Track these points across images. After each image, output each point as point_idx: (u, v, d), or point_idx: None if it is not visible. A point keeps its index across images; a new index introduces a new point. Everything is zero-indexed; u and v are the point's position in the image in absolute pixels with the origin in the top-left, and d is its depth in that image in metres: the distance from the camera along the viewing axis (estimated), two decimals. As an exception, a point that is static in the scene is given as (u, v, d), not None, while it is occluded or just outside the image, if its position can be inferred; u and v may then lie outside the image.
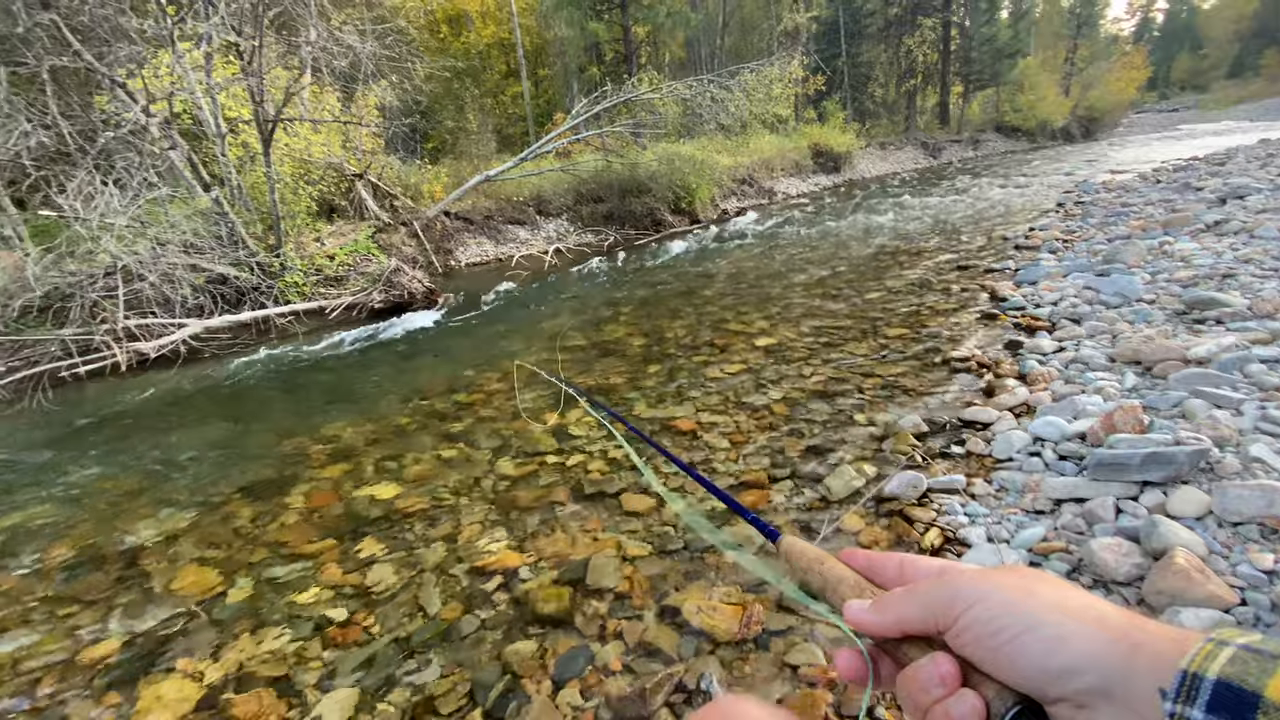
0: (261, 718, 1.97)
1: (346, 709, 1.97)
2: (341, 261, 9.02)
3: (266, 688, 2.09)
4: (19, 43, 6.39)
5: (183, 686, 2.13)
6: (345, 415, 4.62)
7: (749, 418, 3.71)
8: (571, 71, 22.50)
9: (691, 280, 8.14)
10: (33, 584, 2.89)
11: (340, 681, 2.09)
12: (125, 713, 2.06)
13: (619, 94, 12.59)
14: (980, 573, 0.39)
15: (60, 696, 2.18)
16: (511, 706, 1.89)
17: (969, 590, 0.37)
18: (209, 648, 2.32)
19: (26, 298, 6.12)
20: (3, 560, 3.11)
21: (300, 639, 2.31)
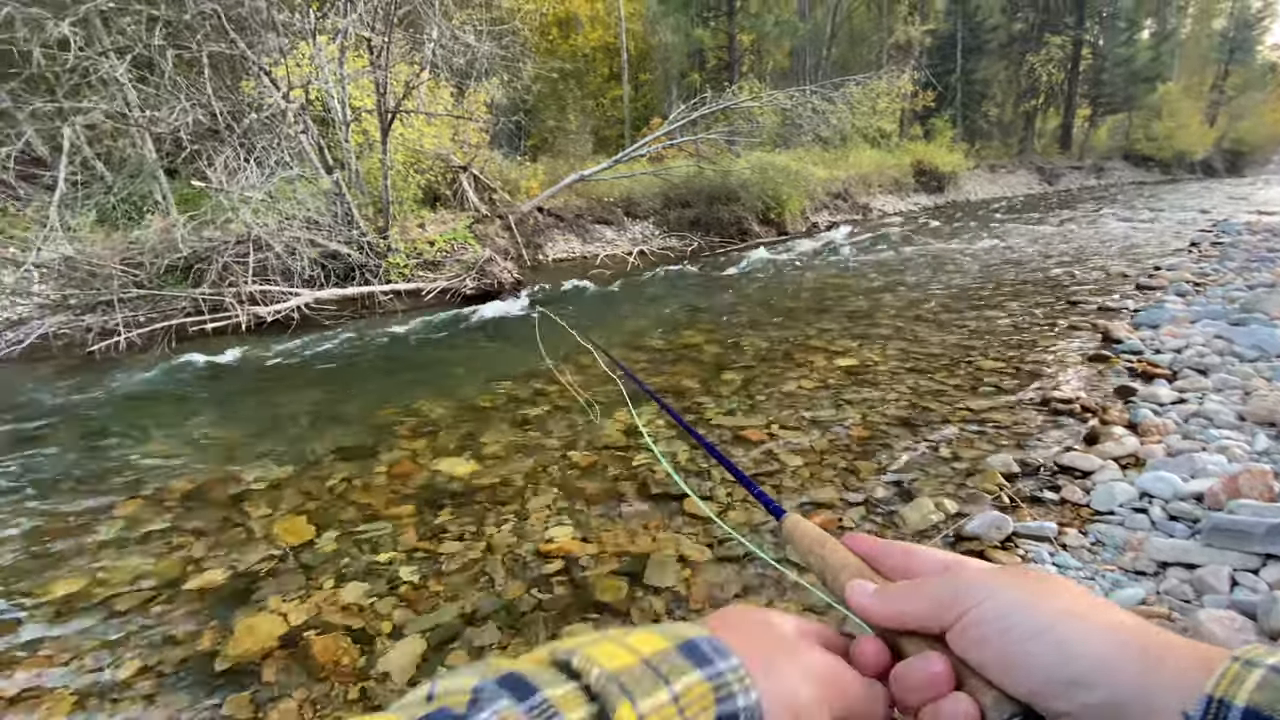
0: (336, 661, 2.13)
1: (411, 665, 2.10)
2: (440, 248, 9.52)
3: (343, 634, 2.26)
4: (185, 29, 7.21)
5: (272, 622, 2.34)
6: (431, 392, 4.89)
7: (823, 436, 3.62)
8: (672, 77, 22.69)
9: (774, 291, 8.02)
10: (156, 512, 3.25)
11: (408, 638, 2.22)
12: (223, 638, 2.28)
13: (718, 101, 12.59)
14: (989, 572, 0.37)
15: (168, 617, 2.44)
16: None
17: (976, 587, 0.35)
18: (297, 590, 2.53)
19: (172, 258, 6.88)
20: (133, 489, 3.52)
21: (376, 594, 2.48)
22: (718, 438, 3.68)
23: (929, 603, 0.36)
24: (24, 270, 6.83)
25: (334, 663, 2.12)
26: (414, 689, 0.28)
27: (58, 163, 7.95)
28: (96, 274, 6.75)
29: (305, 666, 2.12)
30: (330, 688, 2.02)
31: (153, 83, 7.28)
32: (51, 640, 2.32)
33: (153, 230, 7.04)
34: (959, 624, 0.34)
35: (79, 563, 2.81)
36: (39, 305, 6.87)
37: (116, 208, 8.18)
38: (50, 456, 4.11)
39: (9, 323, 6.77)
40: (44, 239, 7.01)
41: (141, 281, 6.84)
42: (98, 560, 2.82)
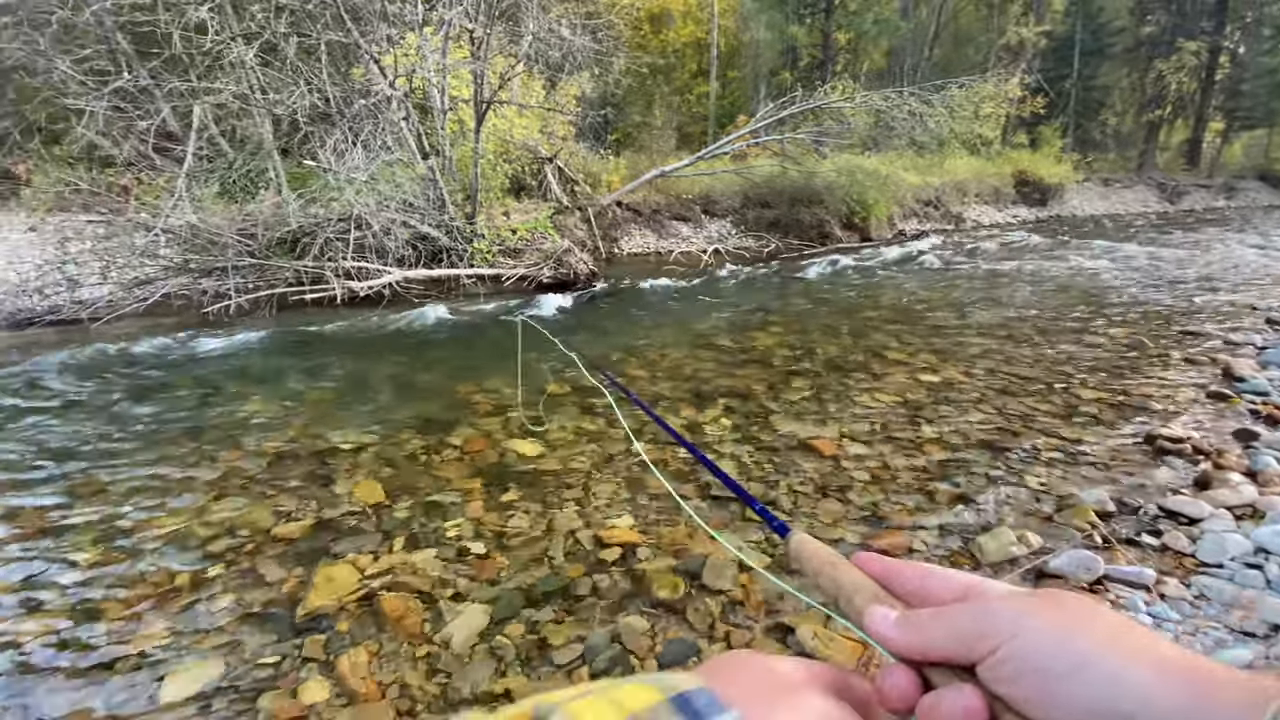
0: (404, 619, 2.24)
1: (473, 630, 2.18)
2: (522, 236, 9.80)
3: (411, 596, 2.38)
4: (307, 17, 7.75)
5: (349, 575, 2.49)
6: (505, 373, 5.04)
7: (897, 453, 3.48)
8: (762, 75, 22.31)
9: (853, 299, 7.76)
10: (252, 464, 3.52)
11: (471, 605, 2.31)
12: (304, 584, 2.45)
13: (808, 100, 12.27)
14: (1022, 600, 0.34)
15: (257, 561, 2.64)
16: (617, 673, 1.97)
17: (1009, 620, 0.32)
18: (372, 549, 2.68)
19: (281, 231, 7.43)
20: (234, 441, 3.83)
21: (444, 561, 2.59)
22: (784, 445, 3.60)
23: (957, 633, 0.34)
24: (154, 234, 7.56)
25: (402, 621, 2.23)
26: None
27: (188, 138, 8.74)
28: (215, 242, 7.38)
29: (376, 621, 2.24)
30: (398, 645, 2.13)
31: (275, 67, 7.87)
32: (156, 572, 2.56)
33: (266, 205, 7.63)
34: (992, 658, 0.32)
35: (185, 503, 3.09)
36: (164, 267, 7.59)
37: (236, 182, 8.92)
38: (166, 404, 4.54)
39: (137, 281, 7.53)
40: (172, 207, 7.73)
41: (253, 251, 7.43)
42: (201, 503, 3.09)
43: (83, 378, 5.21)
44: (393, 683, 1.97)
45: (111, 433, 4.03)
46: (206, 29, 7.28)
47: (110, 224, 8.00)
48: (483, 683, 1.95)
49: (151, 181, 8.70)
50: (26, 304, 7.41)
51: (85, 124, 8.12)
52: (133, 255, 7.54)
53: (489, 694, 1.91)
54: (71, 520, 2.97)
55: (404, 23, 8.25)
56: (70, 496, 3.19)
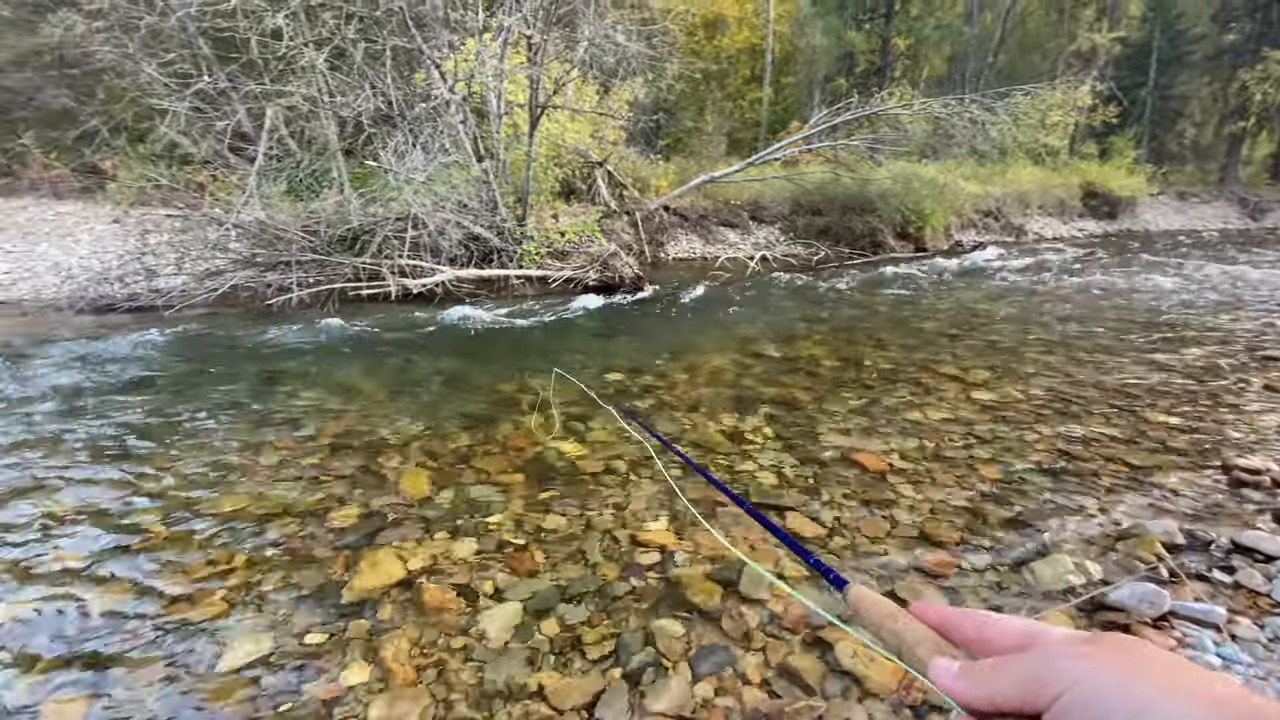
0: (443, 608, 2.29)
1: (509, 623, 2.21)
2: (570, 238, 9.93)
3: (451, 586, 2.43)
4: (374, 24, 8.09)
5: (393, 563, 2.56)
6: (546, 372, 5.12)
7: (948, 471, 3.36)
8: (816, 81, 22.00)
9: (905, 310, 7.54)
10: (307, 451, 3.67)
11: (508, 599, 2.35)
12: (351, 569, 2.53)
13: (864, 107, 12.03)
14: (1080, 647, 0.34)
15: (309, 543, 2.75)
16: (649, 675, 1.96)
17: (1069, 669, 0.33)
18: (416, 538, 2.75)
19: (342, 229, 7.73)
20: (292, 427, 4.00)
21: (483, 553, 2.64)
22: (828, 457, 3.53)
23: (1019, 684, 0.35)
24: (225, 229, 7.98)
25: (441, 611, 2.28)
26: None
27: (259, 139, 9.21)
28: (281, 237, 7.74)
29: (417, 609, 2.30)
30: (437, 634, 2.17)
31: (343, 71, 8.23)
32: (216, 547, 2.70)
33: (329, 203, 7.96)
34: (1056, 706, 0.33)
35: (244, 485, 3.25)
36: (233, 260, 8.00)
37: (303, 181, 9.34)
38: (230, 390, 4.78)
39: (209, 273, 7.95)
40: (243, 204, 8.15)
41: (316, 247, 7.76)
42: (258, 485, 3.24)
43: (156, 361, 5.54)
44: (430, 668, 2.02)
45: (180, 413, 4.27)
46: (282, 35, 7.66)
47: (186, 218, 8.49)
48: (517, 675, 1.97)
49: (225, 179, 9.20)
50: (108, 290, 7.93)
51: (168, 123, 8.65)
52: (205, 248, 7.98)
53: (522, 687, 1.93)
54: (141, 494, 3.15)
55: (465, 29, 8.49)
56: (140, 472, 3.39)
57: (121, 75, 10.01)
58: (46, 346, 6.09)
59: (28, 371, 5.34)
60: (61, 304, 8.04)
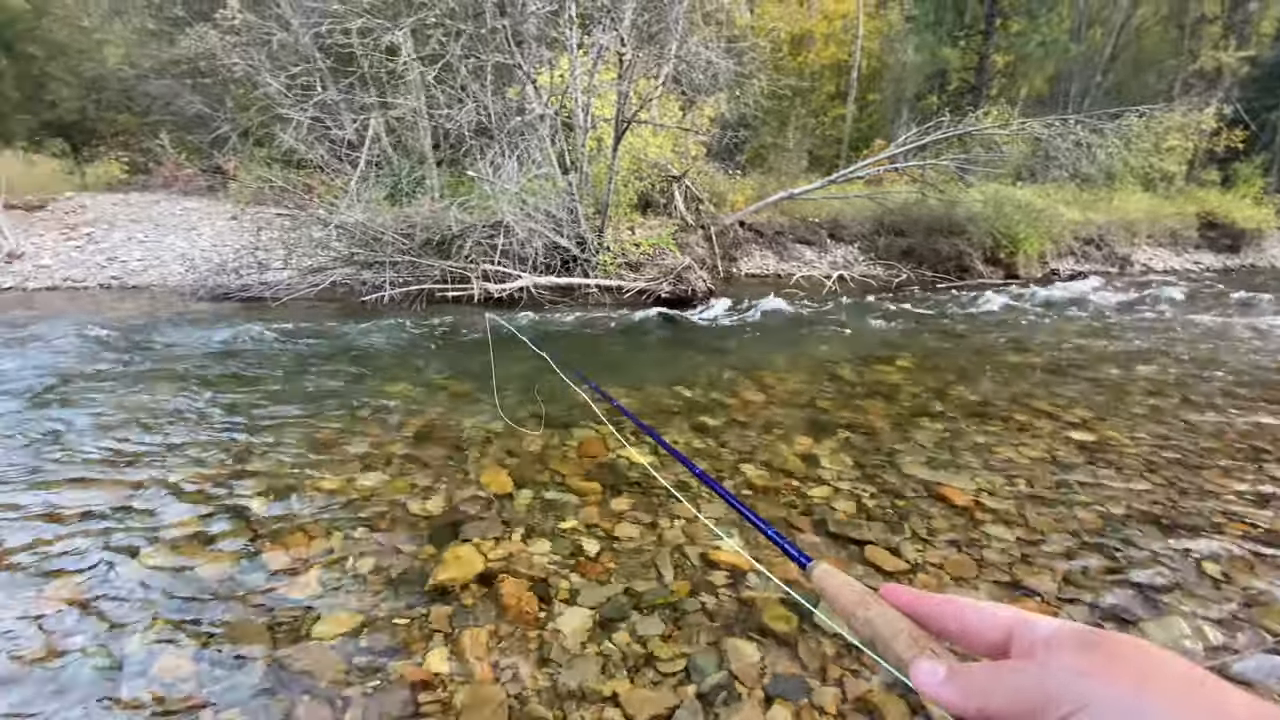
0: (521, 604, 2.35)
1: (582, 628, 2.24)
2: (644, 250, 10.04)
3: (528, 584, 2.49)
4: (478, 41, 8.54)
5: (474, 556, 2.66)
6: (621, 381, 5.18)
7: (1044, 514, 3.15)
8: (904, 99, 21.36)
9: (993, 340, 7.15)
10: (395, 440, 3.87)
11: (581, 603, 2.38)
12: (434, 559, 2.64)
13: (956, 126, 11.56)
14: (1082, 659, 0.32)
15: (397, 529, 2.89)
16: (722, 697, 1.94)
17: (1074, 688, 0.31)
18: (494, 534, 2.84)
19: (433, 233, 8.15)
20: (381, 418, 4.23)
21: (558, 556, 2.69)
22: (910, 489, 3.38)
23: (1017, 698, 0.33)
24: (328, 229, 8.57)
25: (518, 606, 2.34)
26: None
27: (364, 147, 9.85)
28: (378, 239, 8.24)
29: (495, 603, 2.37)
30: (514, 629, 2.23)
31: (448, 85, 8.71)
32: (312, 526, 2.88)
33: (423, 209, 8.40)
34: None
35: (338, 469, 3.45)
36: (334, 258, 8.57)
37: (400, 186, 9.92)
38: (326, 378, 5.11)
39: (312, 269, 8.55)
40: (346, 206, 8.73)
41: (408, 249, 8.21)
42: (350, 470, 3.44)
43: (262, 347, 6.01)
44: (506, 667, 2.07)
45: (281, 397, 4.60)
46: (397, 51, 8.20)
47: (295, 217, 9.18)
48: (590, 681, 2.00)
49: (331, 182, 9.90)
50: (224, 280, 8.68)
51: (290, 131, 9.40)
52: (310, 246, 8.60)
53: (596, 693, 1.95)
54: (246, 471, 3.41)
55: (561, 46, 8.80)
56: (246, 451, 3.68)
57: (249, 86, 11.00)
58: (169, 327, 6.73)
59: (152, 348, 5.91)
60: (184, 291, 8.86)
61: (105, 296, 8.91)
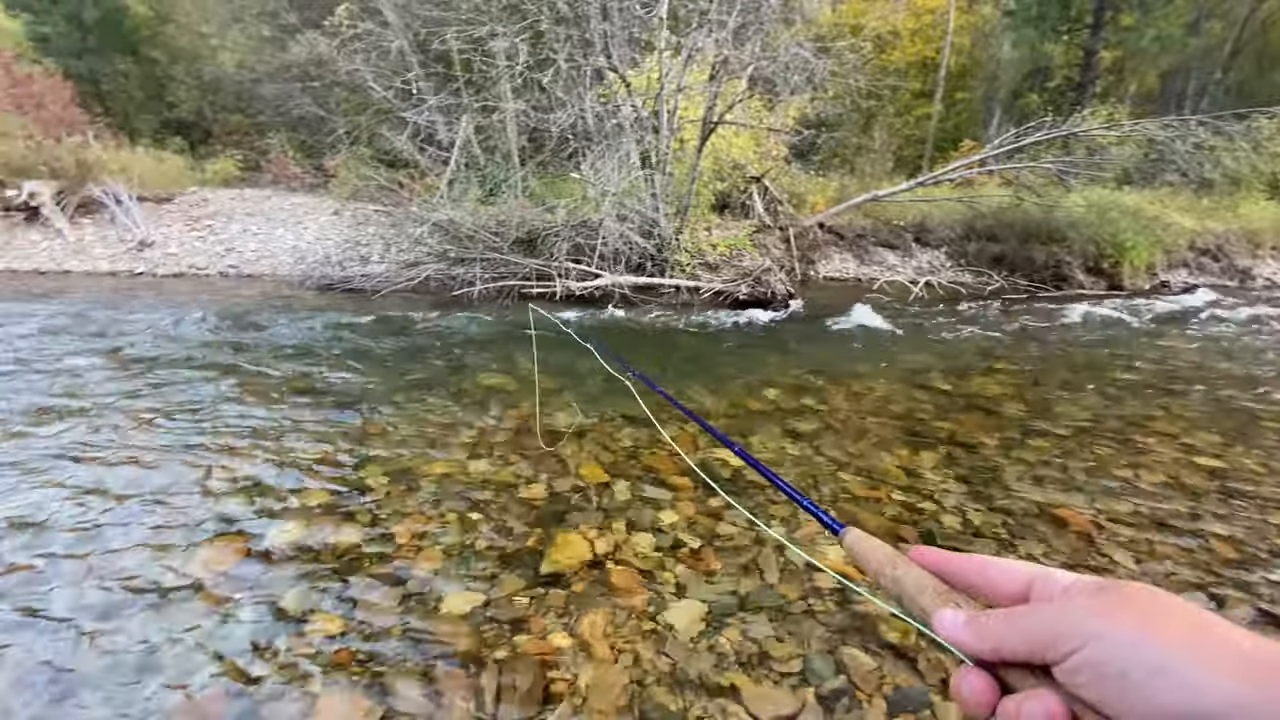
0: (631, 594, 2.43)
1: (693, 622, 2.29)
2: (721, 252, 10.02)
3: (636, 573, 2.57)
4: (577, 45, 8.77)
5: (581, 544, 2.76)
6: (704, 382, 5.21)
7: (1171, 542, 2.95)
8: (999, 97, 20.29)
9: (1099, 355, 6.72)
10: (493, 431, 4.05)
11: (689, 597, 2.44)
12: (544, 543, 2.77)
13: (1058, 126, 10.89)
14: (1094, 598, 0.34)
15: (506, 514, 3.04)
16: (843, 703, 1.95)
17: (1083, 625, 0.32)
18: (597, 524, 2.94)
19: (520, 232, 8.44)
20: (475, 410, 4.44)
21: (661, 548, 2.76)
22: (1020, 509, 3.25)
23: (1032, 636, 0.34)
24: (425, 226, 9.01)
25: (629, 594, 2.42)
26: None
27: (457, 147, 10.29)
28: (470, 236, 8.60)
29: (606, 589, 2.46)
30: (627, 615, 2.31)
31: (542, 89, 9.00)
32: (431, 507, 3.07)
33: (513, 208, 8.72)
34: (1068, 662, 0.32)
35: (448, 454, 3.66)
36: (428, 253, 9.01)
37: (485, 184, 10.32)
38: (427, 367, 5.40)
39: (408, 263, 9.02)
40: (440, 204, 9.16)
41: (497, 247, 8.53)
42: (460, 456, 3.63)
43: (366, 335, 6.41)
44: (625, 648, 2.15)
45: (388, 383, 4.91)
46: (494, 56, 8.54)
47: (392, 214, 9.72)
48: (709, 673, 2.05)
49: (426, 181, 10.41)
50: (329, 272, 9.29)
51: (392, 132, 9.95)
52: (407, 241, 9.08)
53: (716, 685, 2.00)
54: (367, 451, 3.67)
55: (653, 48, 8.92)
56: (362, 433, 3.95)
57: (354, 90, 11.73)
58: (283, 314, 7.28)
59: (271, 333, 6.41)
60: (293, 280, 9.54)
61: (224, 284, 9.73)
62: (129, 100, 20.35)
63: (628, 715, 1.88)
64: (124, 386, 4.71)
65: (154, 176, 12.85)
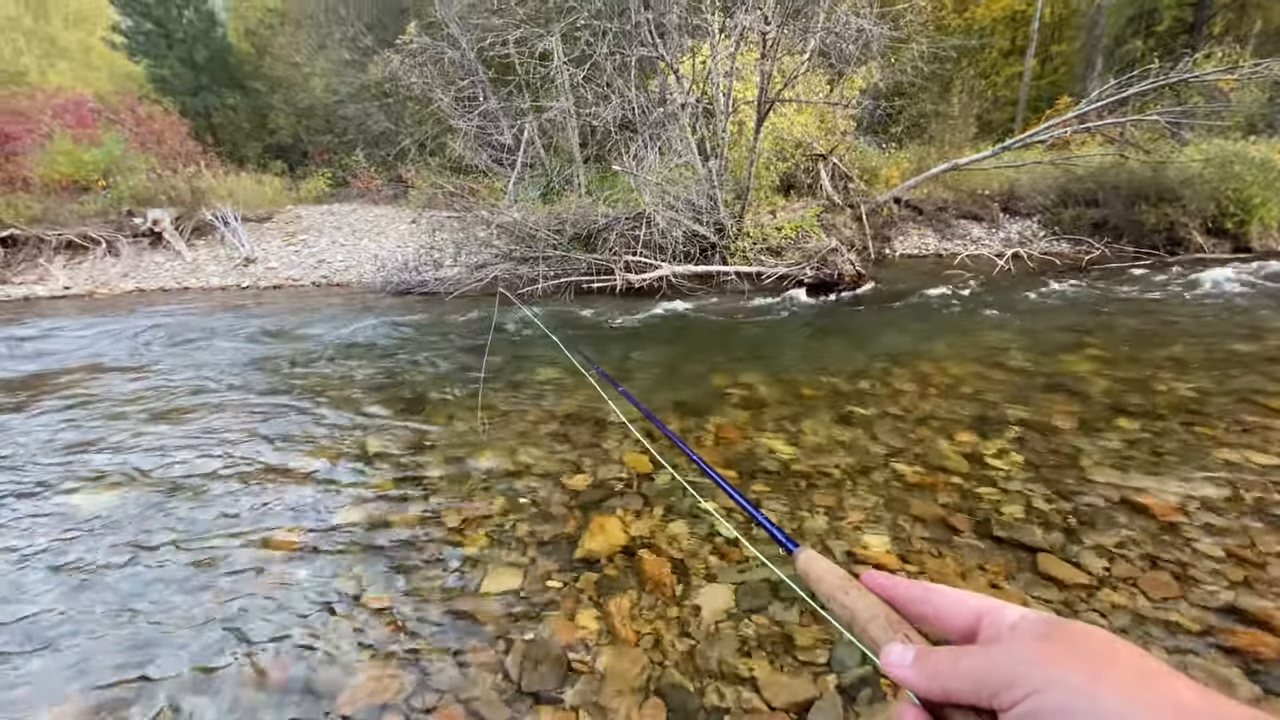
0: (661, 581, 2.45)
1: (721, 608, 2.28)
2: (785, 234, 9.74)
3: (667, 560, 2.58)
4: (623, 37, 8.82)
5: (617, 529, 2.81)
6: (760, 369, 5.11)
7: (1274, 533, 2.61)
8: (1100, 47, 18.39)
9: (1215, 324, 6.00)
10: (545, 421, 4.17)
11: (720, 585, 2.42)
12: (581, 528, 2.83)
13: (1167, 74, 9.73)
14: (1042, 647, 0.34)
15: (549, 500, 3.13)
16: (865, 694, 1.88)
17: (1030, 675, 0.32)
18: (633, 511, 2.98)
19: (580, 228, 8.59)
20: (531, 401, 4.58)
21: (696, 537, 2.75)
22: (1098, 495, 2.97)
23: (979, 680, 0.34)
24: (490, 228, 9.36)
25: (658, 580, 2.44)
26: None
27: (519, 150, 10.59)
28: (533, 235, 8.86)
29: (636, 574, 2.49)
30: (654, 600, 2.33)
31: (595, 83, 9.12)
32: (480, 492, 3.22)
33: (571, 205, 8.89)
34: (1015, 710, 0.32)
35: (499, 444, 3.81)
36: (495, 254, 9.36)
37: (551, 185, 10.58)
38: (489, 364, 5.63)
39: (477, 265, 9.41)
40: (505, 206, 9.48)
41: (558, 244, 8.73)
42: (511, 446, 3.78)
43: (438, 335, 6.77)
44: (648, 634, 2.18)
45: (452, 378, 5.17)
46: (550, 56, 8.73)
47: (462, 219, 10.17)
48: (729, 658, 2.03)
49: (493, 185, 10.80)
50: (406, 277, 9.85)
51: (458, 141, 10.41)
52: (475, 245, 9.48)
53: (734, 671, 1.98)
54: (425, 443, 3.89)
55: (702, 33, 8.80)
56: (426, 425, 4.18)
57: (424, 102, 12.35)
58: (365, 317, 7.81)
59: (352, 336, 6.90)
60: (375, 287, 10.20)
61: (315, 293, 10.56)
62: (237, 130, 22.47)
63: (642, 694, 1.90)
64: (226, 382, 5.24)
65: (255, 198, 14.13)
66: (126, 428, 4.31)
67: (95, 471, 3.62)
